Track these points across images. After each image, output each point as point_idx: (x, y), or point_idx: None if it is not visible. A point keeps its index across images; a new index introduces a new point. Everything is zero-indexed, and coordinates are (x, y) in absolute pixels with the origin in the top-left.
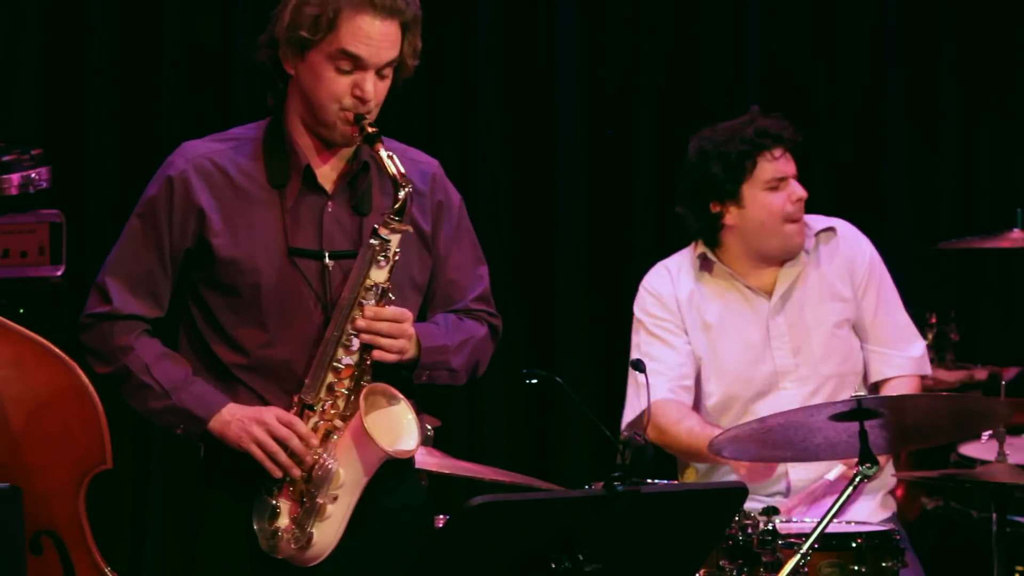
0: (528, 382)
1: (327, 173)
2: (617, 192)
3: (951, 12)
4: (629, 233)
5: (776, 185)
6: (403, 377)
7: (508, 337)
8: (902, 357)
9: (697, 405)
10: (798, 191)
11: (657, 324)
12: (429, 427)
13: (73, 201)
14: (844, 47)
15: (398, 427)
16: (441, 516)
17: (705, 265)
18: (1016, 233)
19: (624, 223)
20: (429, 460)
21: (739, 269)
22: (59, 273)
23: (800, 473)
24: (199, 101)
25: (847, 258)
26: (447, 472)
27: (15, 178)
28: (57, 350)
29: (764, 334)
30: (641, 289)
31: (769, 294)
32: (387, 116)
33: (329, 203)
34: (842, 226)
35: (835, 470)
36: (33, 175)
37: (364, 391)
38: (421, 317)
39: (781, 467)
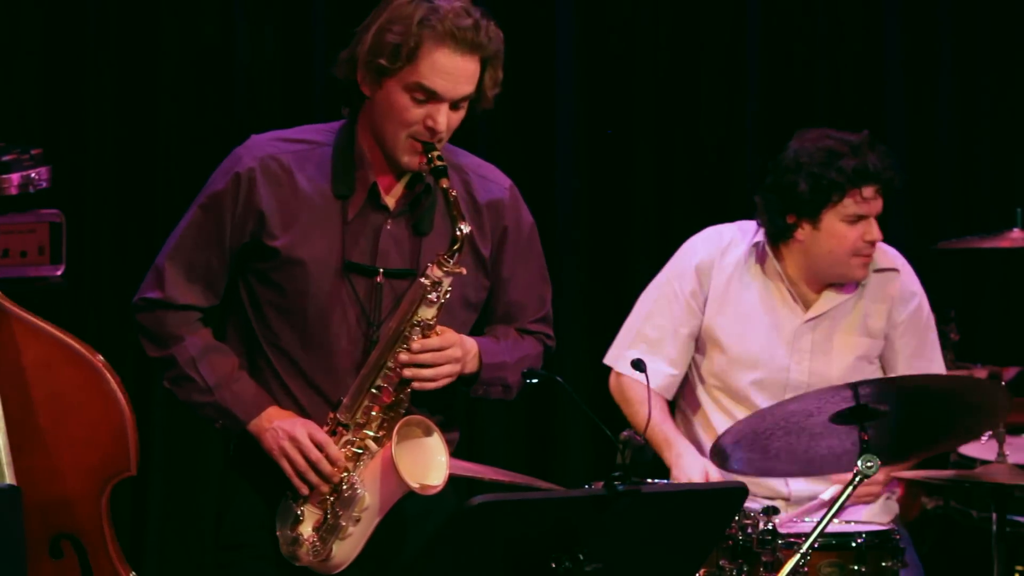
0: (528, 382)
1: (391, 191)
2: (617, 192)
3: (951, 11)
4: (629, 233)
5: (856, 221)
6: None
7: None
8: None
9: (699, 368)
10: (874, 233)
11: (678, 298)
12: None
13: (73, 201)
14: (844, 46)
15: (428, 461)
16: None
17: (759, 256)
18: (1016, 233)
19: (624, 223)
20: None
21: (790, 274)
22: (59, 273)
23: (800, 484)
24: (199, 101)
25: (895, 301)
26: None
27: (15, 178)
28: (88, 353)
29: (788, 345)
30: (688, 248)
31: (808, 308)
32: None
33: (389, 221)
34: (905, 271)
35: (830, 490)
36: (33, 175)
37: (399, 424)
38: (477, 331)
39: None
